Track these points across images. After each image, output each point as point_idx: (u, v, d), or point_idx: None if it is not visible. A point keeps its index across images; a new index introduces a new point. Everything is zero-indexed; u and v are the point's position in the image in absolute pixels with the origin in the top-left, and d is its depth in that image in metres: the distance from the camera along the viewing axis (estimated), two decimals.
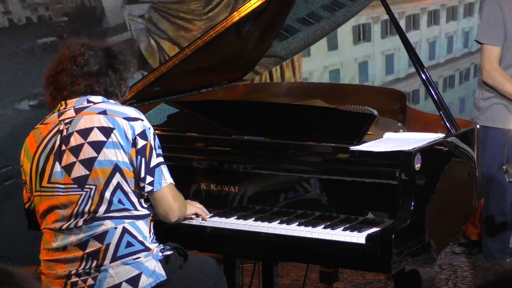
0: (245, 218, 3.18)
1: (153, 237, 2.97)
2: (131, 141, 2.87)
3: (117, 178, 2.86)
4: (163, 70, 3.73)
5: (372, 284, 4.77)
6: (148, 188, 2.89)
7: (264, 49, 4.16)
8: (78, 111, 2.93)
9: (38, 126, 3.01)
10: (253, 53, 4.18)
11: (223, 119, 3.63)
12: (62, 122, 2.93)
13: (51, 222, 2.93)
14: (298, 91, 4.50)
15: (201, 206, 3.19)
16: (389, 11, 3.63)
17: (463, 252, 5.20)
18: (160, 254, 2.93)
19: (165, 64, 3.76)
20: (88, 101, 2.95)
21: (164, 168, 2.92)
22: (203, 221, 3.17)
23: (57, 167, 2.90)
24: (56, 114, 2.98)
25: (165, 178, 2.92)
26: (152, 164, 2.89)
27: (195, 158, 3.36)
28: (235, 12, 3.71)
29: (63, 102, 2.97)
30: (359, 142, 3.18)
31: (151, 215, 2.97)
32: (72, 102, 2.96)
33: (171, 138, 3.41)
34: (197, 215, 3.17)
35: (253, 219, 3.17)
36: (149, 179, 2.88)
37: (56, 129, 2.94)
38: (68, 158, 2.89)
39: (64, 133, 2.91)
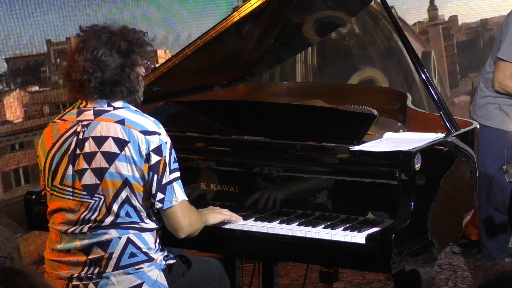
0: (245, 218, 3.18)
1: (159, 247, 2.93)
2: (145, 157, 2.81)
3: (126, 191, 2.83)
4: (163, 70, 3.73)
5: (372, 284, 4.77)
6: (158, 205, 2.84)
7: (264, 49, 4.16)
8: (97, 114, 2.87)
9: (57, 120, 2.95)
10: (253, 53, 4.19)
11: (223, 119, 3.62)
12: (80, 124, 2.88)
13: (57, 223, 2.92)
14: (298, 91, 4.50)
15: (229, 213, 3.14)
16: (389, 11, 3.64)
17: (463, 252, 5.20)
18: (164, 262, 2.91)
19: (165, 64, 3.75)
20: (109, 105, 2.88)
21: (177, 185, 2.86)
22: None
23: (70, 170, 2.87)
24: (75, 111, 2.92)
25: (176, 196, 2.85)
26: (164, 181, 2.83)
27: (195, 158, 3.36)
28: (235, 12, 3.71)
29: (83, 100, 2.92)
30: (359, 142, 3.18)
31: (159, 228, 2.94)
32: (92, 102, 2.90)
33: (171, 138, 3.41)
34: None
35: (253, 219, 3.17)
36: (159, 196, 2.83)
37: (73, 129, 2.88)
38: (80, 163, 2.85)
39: (81, 136, 2.86)
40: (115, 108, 2.88)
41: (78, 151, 2.85)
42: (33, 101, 4.83)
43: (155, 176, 2.82)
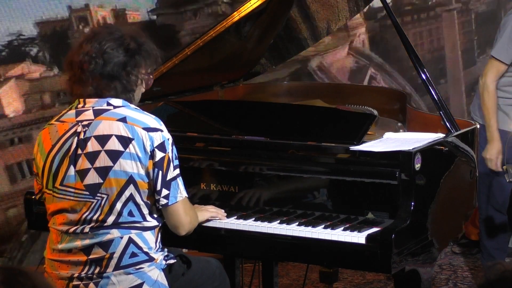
0: (245, 218, 3.18)
1: (159, 246, 2.93)
2: (149, 153, 2.81)
3: (131, 189, 2.82)
4: (163, 70, 3.73)
5: (372, 284, 4.77)
6: (163, 201, 2.85)
7: (264, 49, 4.16)
8: (97, 113, 2.86)
9: (54, 122, 2.94)
10: (253, 53, 4.19)
11: (223, 119, 3.62)
12: (80, 124, 2.86)
13: (58, 223, 2.92)
14: (298, 91, 4.50)
15: (215, 209, 3.17)
16: (389, 11, 3.63)
17: (463, 252, 5.21)
18: (164, 262, 2.91)
19: (165, 64, 3.75)
20: (108, 104, 2.87)
21: (180, 181, 2.88)
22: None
23: (71, 171, 2.86)
24: (73, 112, 2.90)
25: (181, 191, 2.87)
26: (168, 177, 2.84)
27: (195, 158, 3.36)
28: (235, 12, 3.71)
29: (81, 100, 2.90)
30: (359, 142, 3.18)
31: (160, 226, 2.94)
32: (91, 102, 2.88)
33: None
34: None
35: (253, 219, 3.17)
36: (164, 192, 2.84)
37: (73, 130, 2.87)
38: (83, 163, 2.84)
39: (82, 136, 2.85)
40: (115, 107, 2.87)
41: (79, 151, 2.84)
42: (32, 90, 4.76)
43: (160, 172, 2.83)
